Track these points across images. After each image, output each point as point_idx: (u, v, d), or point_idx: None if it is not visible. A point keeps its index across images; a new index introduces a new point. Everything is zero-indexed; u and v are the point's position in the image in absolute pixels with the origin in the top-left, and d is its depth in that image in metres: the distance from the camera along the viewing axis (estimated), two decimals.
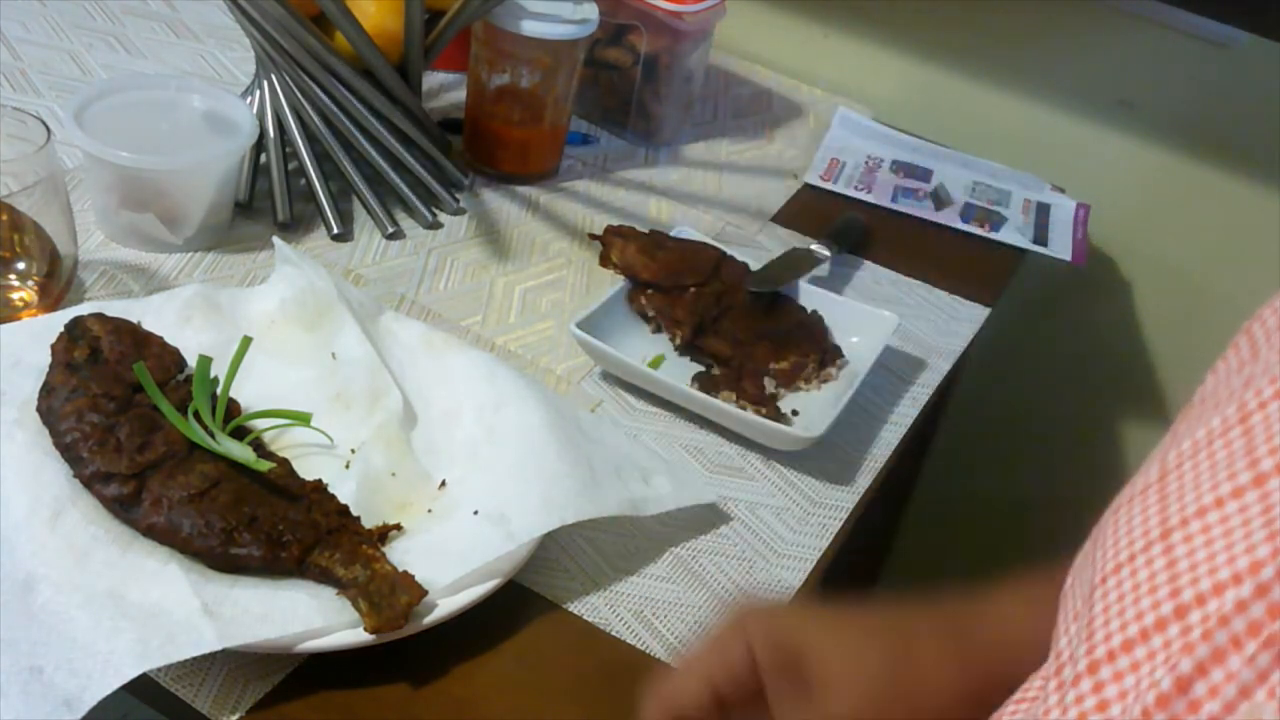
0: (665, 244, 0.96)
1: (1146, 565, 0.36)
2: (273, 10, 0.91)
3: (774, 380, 0.89)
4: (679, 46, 1.15)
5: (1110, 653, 0.36)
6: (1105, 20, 1.21)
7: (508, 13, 1.02)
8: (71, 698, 0.57)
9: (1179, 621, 0.34)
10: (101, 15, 1.20)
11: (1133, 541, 0.37)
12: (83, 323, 0.74)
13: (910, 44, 1.31)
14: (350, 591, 0.65)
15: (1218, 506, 0.35)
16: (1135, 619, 0.35)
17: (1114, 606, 0.36)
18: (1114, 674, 0.35)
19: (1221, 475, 0.36)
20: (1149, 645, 0.35)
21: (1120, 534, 0.38)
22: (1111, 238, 1.27)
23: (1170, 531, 0.36)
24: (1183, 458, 0.39)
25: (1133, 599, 0.36)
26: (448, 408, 0.79)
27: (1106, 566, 0.38)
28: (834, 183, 1.19)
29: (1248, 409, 0.38)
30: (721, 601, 0.75)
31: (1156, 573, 0.36)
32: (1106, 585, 0.37)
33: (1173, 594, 0.35)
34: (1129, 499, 0.39)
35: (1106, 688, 0.35)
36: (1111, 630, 0.36)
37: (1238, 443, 0.37)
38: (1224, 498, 0.36)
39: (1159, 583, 0.35)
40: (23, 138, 0.78)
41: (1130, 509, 0.39)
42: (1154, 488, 0.38)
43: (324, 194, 0.99)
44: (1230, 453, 0.37)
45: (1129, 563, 0.37)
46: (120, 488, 0.66)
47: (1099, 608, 0.37)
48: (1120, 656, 0.35)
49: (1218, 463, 0.37)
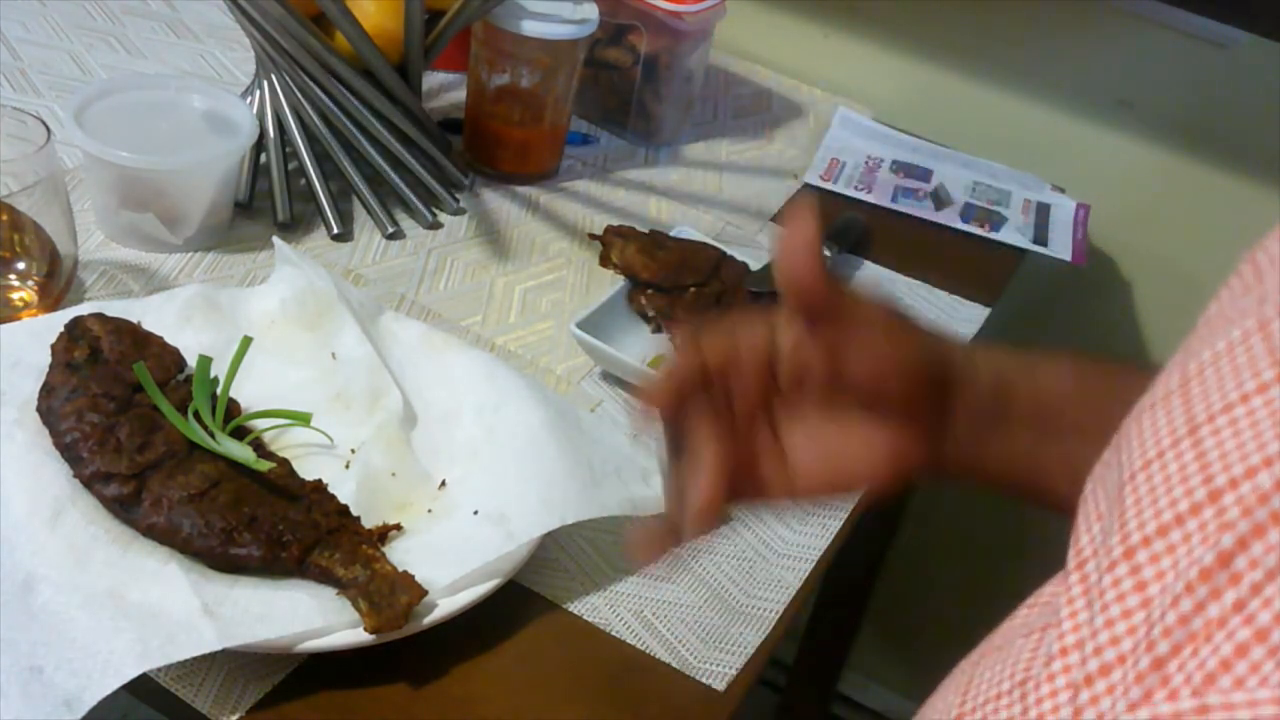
0: (665, 244, 0.96)
1: (1176, 459, 0.37)
2: (273, 10, 0.91)
3: None
4: (679, 46, 1.15)
5: (1145, 538, 0.37)
6: (1105, 20, 1.21)
7: (508, 13, 1.02)
8: (71, 698, 0.57)
9: (1213, 505, 0.35)
10: (101, 15, 1.20)
11: (1159, 440, 0.39)
12: (83, 323, 0.74)
13: (910, 44, 1.31)
14: (350, 591, 0.65)
15: (1243, 402, 0.37)
16: (1169, 506, 0.36)
17: (1145, 499, 0.38)
18: (1150, 557, 0.36)
19: (1245, 375, 0.38)
20: (1184, 529, 0.36)
21: (1145, 435, 0.40)
22: (1111, 238, 1.27)
23: (1197, 428, 0.37)
24: (1203, 366, 0.40)
25: (1164, 489, 0.37)
26: (448, 408, 0.79)
27: (1134, 464, 0.39)
28: (834, 183, 1.19)
29: (1266, 317, 0.39)
30: (721, 601, 0.75)
31: (1187, 464, 0.37)
32: (1135, 481, 0.38)
33: (1205, 480, 0.36)
34: (1150, 406, 0.41)
35: (1144, 570, 0.36)
36: (1145, 519, 0.37)
37: (1258, 347, 0.38)
38: (1249, 394, 0.37)
39: (1190, 473, 0.37)
40: (23, 138, 0.78)
41: (1153, 414, 0.40)
42: (1176, 394, 0.40)
43: (324, 194, 0.99)
44: (1251, 356, 0.38)
45: (1158, 459, 0.38)
46: (120, 488, 0.66)
47: (1129, 501, 0.38)
48: (1156, 541, 0.36)
49: (1240, 366, 0.38)
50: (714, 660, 0.71)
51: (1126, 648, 0.36)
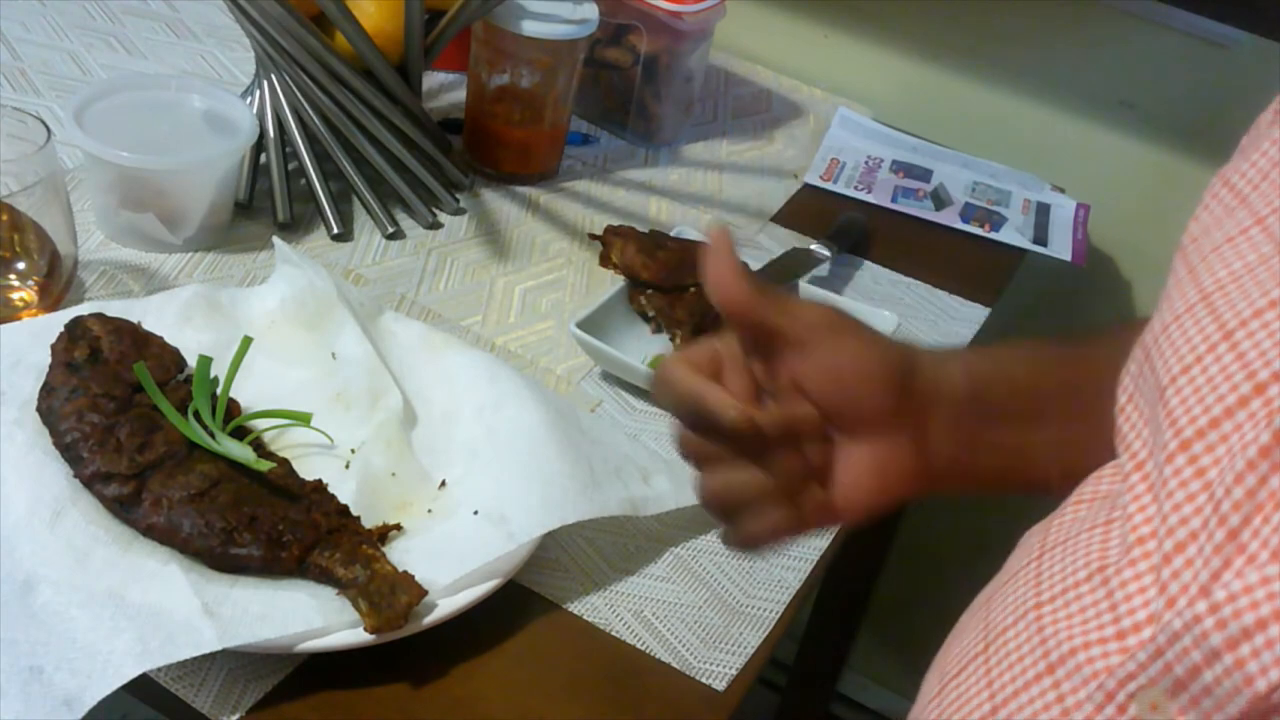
0: (665, 244, 0.96)
1: (1215, 361, 0.40)
2: (273, 10, 0.91)
3: None
4: (679, 46, 1.15)
5: (1199, 431, 0.40)
6: (1105, 20, 1.21)
7: (508, 13, 1.02)
8: (71, 698, 0.57)
9: (1260, 396, 0.39)
10: (101, 15, 1.20)
11: (1194, 347, 0.42)
12: (83, 323, 0.74)
13: (910, 44, 1.31)
14: (350, 591, 0.65)
15: (1273, 308, 0.40)
16: (1217, 401, 0.40)
17: (1191, 398, 0.41)
18: (1206, 447, 0.39)
19: (1270, 283, 0.41)
20: (1234, 419, 0.39)
21: (1178, 344, 0.42)
22: (1111, 238, 1.27)
23: (1232, 333, 0.41)
24: (1220, 283, 0.43)
25: (1209, 388, 0.40)
26: (448, 408, 0.79)
27: (1172, 370, 0.42)
28: (834, 183, 1.19)
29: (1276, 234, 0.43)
30: (721, 601, 0.75)
31: (1227, 365, 0.40)
32: (1177, 384, 0.41)
33: (1249, 376, 0.39)
34: (1173, 319, 0.44)
35: (1201, 459, 0.39)
36: (1195, 414, 0.40)
37: (1276, 262, 0.42)
38: (1278, 300, 0.40)
39: (1232, 371, 0.40)
40: (23, 138, 0.78)
41: (1180, 326, 0.43)
42: (1199, 306, 0.43)
43: (324, 194, 0.99)
44: (1271, 269, 0.41)
45: (1196, 363, 0.41)
46: (120, 488, 0.66)
47: (1174, 402, 0.41)
48: (1209, 432, 0.39)
49: (1261, 279, 0.42)
50: (714, 660, 0.71)
51: (1196, 525, 0.38)
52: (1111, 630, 0.41)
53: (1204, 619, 0.36)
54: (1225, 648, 0.35)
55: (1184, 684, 0.37)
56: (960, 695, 0.46)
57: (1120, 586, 0.41)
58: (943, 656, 0.50)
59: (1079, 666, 0.41)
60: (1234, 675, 0.35)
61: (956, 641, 0.49)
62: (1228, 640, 0.35)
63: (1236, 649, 0.35)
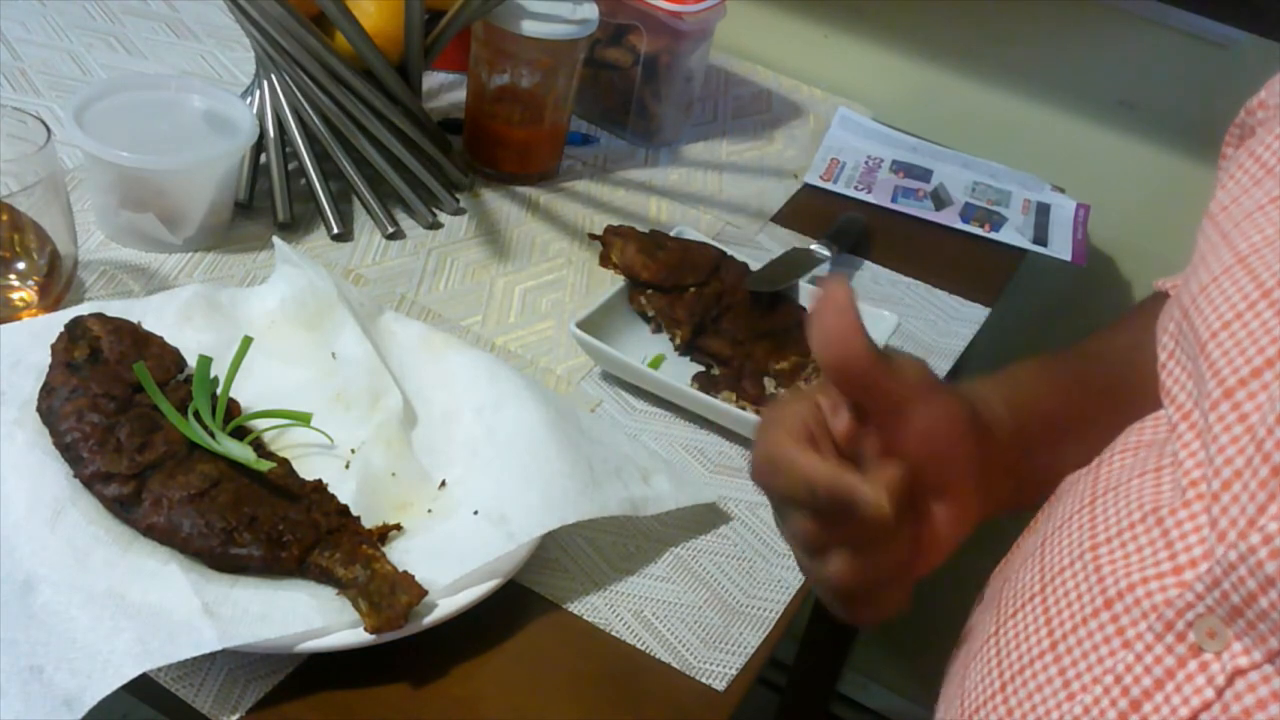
0: (665, 244, 0.96)
1: (1255, 317, 0.43)
2: (273, 10, 0.91)
3: (774, 380, 0.89)
4: (679, 46, 1.15)
5: (1241, 380, 0.42)
6: (1105, 20, 1.21)
7: (508, 13, 1.02)
8: (71, 698, 0.57)
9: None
10: (101, 15, 1.20)
11: (1234, 305, 0.44)
12: (83, 323, 0.74)
13: (910, 44, 1.31)
14: (350, 591, 0.65)
15: None
16: (1258, 353, 0.42)
17: (1233, 350, 0.43)
18: (1248, 394, 0.42)
19: None
20: (1276, 369, 0.42)
21: (1217, 304, 0.45)
22: (1111, 238, 1.27)
23: (1269, 291, 0.43)
24: (1255, 246, 0.46)
25: (1250, 341, 0.43)
26: (448, 408, 0.79)
27: (1213, 326, 0.44)
28: (834, 183, 1.19)
29: None
30: (721, 601, 0.75)
31: (1267, 320, 0.43)
32: (1219, 338, 0.44)
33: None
34: (1212, 279, 0.46)
35: (1244, 405, 0.42)
36: (1237, 365, 0.43)
37: None
38: None
39: (1271, 325, 0.42)
40: (23, 138, 0.78)
41: (1219, 285, 0.46)
42: (1236, 268, 0.45)
43: (324, 194, 0.99)
44: None
45: (1236, 319, 0.44)
46: (120, 488, 0.66)
47: (1216, 354, 0.44)
48: (1251, 381, 0.42)
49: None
50: (714, 660, 0.71)
51: (1240, 464, 0.41)
52: (1169, 565, 0.43)
53: (1258, 549, 0.39)
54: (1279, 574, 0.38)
55: (1240, 610, 0.40)
56: (1019, 632, 0.47)
57: (1176, 525, 0.44)
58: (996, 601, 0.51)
59: (1137, 600, 0.43)
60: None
61: (1010, 586, 0.51)
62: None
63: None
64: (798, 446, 0.51)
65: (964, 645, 0.54)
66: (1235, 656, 0.40)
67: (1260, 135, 0.52)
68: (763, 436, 0.53)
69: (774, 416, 0.54)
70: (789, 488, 0.52)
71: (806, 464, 0.50)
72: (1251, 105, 0.62)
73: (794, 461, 0.50)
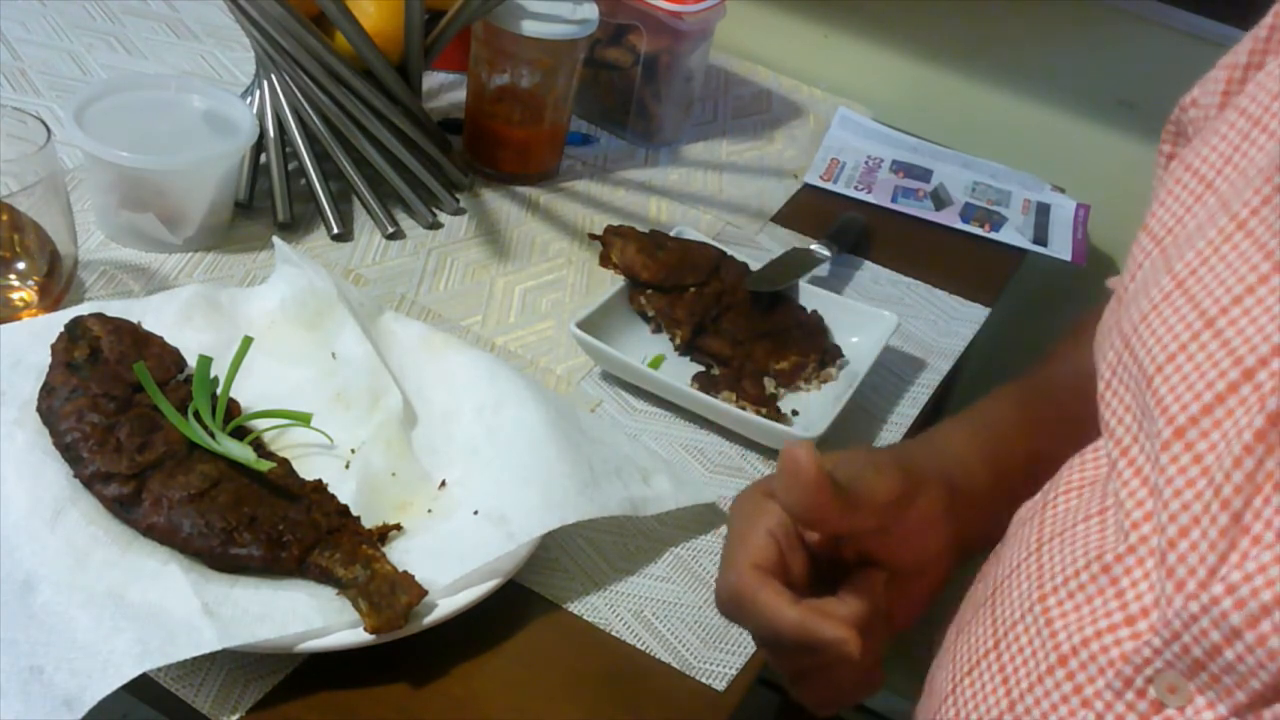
0: (665, 244, 0.96)
1: (1201, 349, 0.42)
2: (273, 10, 0.91)
3: (774, 380, 0.89)
4: (679, 46, 1.15)
5: (1192, 418, 0.41)
6: (1105, 20, 1.21)
7: (508, 13, 1.02)
8: (71, 698, 0.57)
9: (1249, 381, 0.40)
10: (101, 15, 1.20)
11: (1177, 335, 0.43)
12: (83, 323, 0.74)
13: (910, 44, 1.31)
14: (350, 591, 0.65)
15: (1250, 294, 0.41)
16: (1207, 388, 0.41)
17: (1180, 385, 0.42)
18: (1200, 433, 0.40)
19: (1243, 269, 0.42)
20: (1226, 405, 0.40)
21: (1160, 333, 0.44)
22: (1111, 238, 1.27)
23: (1213, 320, 0.42)
24: (1192, 268, 0.44)
25: (1197, 375, 0.41)
26: (448, 408, 0.79)
27: (1157, 359, 0.43)
28: (834, 183, 1.19)
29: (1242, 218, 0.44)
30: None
31: (1213, 353, 0.41)
32: (1164, 372, 0.42)
33: (1235, 363, 0.40)
34: (1152, 307, 0.45)
35: (1197, 444, 0.40)
36: (1186, 401, 0.41)
37: (1245, 245, 0.43)
38: (1253, 285, 0.41)
39: (1219, 358, 0.41)
40: (23, 138, 0.78)
41: (1159, 314, 0.44)
42: (1175, 294, 0.44)
43: (324, 194, 0.99)
44: (1240, 253, 0.43)
45: (1181, 351, 0.42)
46: (120, 488, 0.66)
47: (1163, 390, 0.42)
48: (1202, 419, 0.41)
49: (1233, 264, 0.43)
50: (714, 660, 0.71)
51: (1198, 510, 0.39)
52: (1120, 617, 0.42)
53: (1221, 600, 0.37)
54: (1246, 625, 0.37)
55: (1203, 664, 0.38)
56: (976, 692, 0.47)
57: (1125, 574, 0.42)
58: (950, 654, 0.51)
59: (1093, 656, 0.42)
60: (1256, 651, 0.37)
61: (964, 639, 0.50)
62: (1248, 618, 0.37)
63: (1257, 626, 0.36)
64: (763, 583, 0.52)
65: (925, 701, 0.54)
66: (1200, 711, 0.39)
67: (1195, 145, 0.52)
68: (728, 564, 0.54)
69: (741, 535, 0.54)
70: (754, 628, 0.54)
71: (771, 610, 0.51)
72: (1185, 102, 0.61)
73: (758, 604, 0.52)
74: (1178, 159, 0.52)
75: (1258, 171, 0.45)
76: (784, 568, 0.53)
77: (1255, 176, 0.45)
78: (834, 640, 0.50)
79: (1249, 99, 0.50)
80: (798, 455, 0.49)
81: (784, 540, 0.54)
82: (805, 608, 0.51)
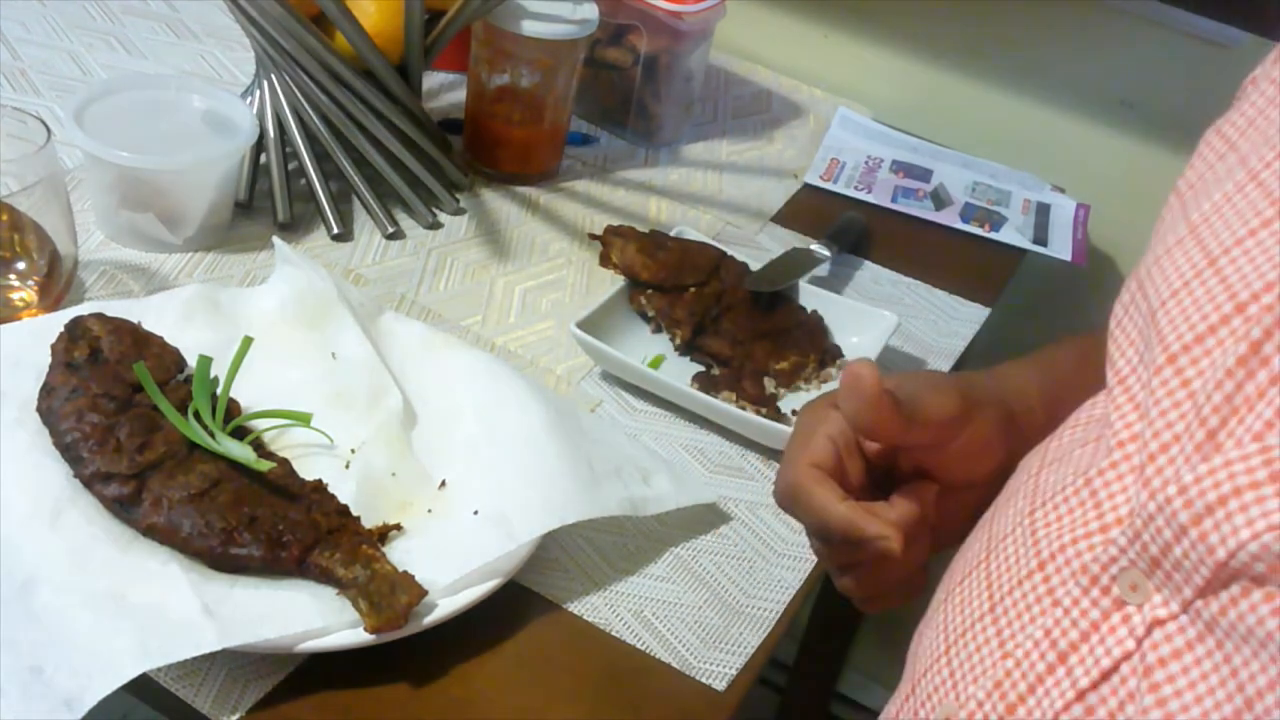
0: (665, 244, 0.96)
1: (1201, 285, 0.43)
2: (273, 10, 0.91)
3: (774, 380, 0.89)
4: (679, 46, 1.15)
5: (1185, 345, 0.43)
6: (1105, 20, 1.21)
7: (508, 13, 1.02)
8: (71, 698, 0.57)
9: (1240, 314, 0.41)
10: (101, 15, 1.20)
11: (1182, 274, 0.44)
12: (83, 323, 0.74)
13: (910, 44, 1.31)
14: (350, 591, 0.65)
15: (1252, 235, 0.43)
16: (1201, 319, 0.42)
17: (1179, 317, 0.43)
18: (1191, 360, 0.42)
19: (1249, 214, 0.44)
20: (1217, 335, 0.42)
21: (1168, 273, 0.45)
22: (1111, 238, 1.27)
23: (1215, 259, 0.43)
24: (1206, 215, 0.46)
25: (1195, 309, 0.43)
26: (448, 408, 0.79)
27: (1162, 295, 0.45)
28: (834, 183, 1.19)
29: (1254, 169, 0.46)
30: (721, 601, 0.75)
31: (1212, 289, 0.43)
32: (1167, 306, 0.44)
33: (1230, 297, 0.42)
34: (1165, 252, 0.47)
35: (1186, 370, 0.42)
36: (1181, 332, 0.43)
37: (1254, 193, 0.45)
38: (1256, 229, 0.43)
39: (1216, 293, 0.43)
40: (23, 138, 0.78)
41: (1170, 257, 0.46)
42: (1186, 239, 0.46)
43: (324, 194, 0.99)
44: (1250, 200, 0.44)
45: (1184, 287, 0.44)
46: (120, 488, 0.66)
47: (1164, 322, 0.44)
48: (1194, 347, 0.42)
49: (1241, 209, 0.44)
50: (714, 660, 0.71)
51: (1180, 429, 0.42)
52: (1095, 525, 0.44)
53: (1174, 500, 0.39)
54: (1191, 523, 0.39)
55: (1158, 561, 0.41)
56: (965, 596, 0.49)
57: (1104, 486, 0.45)
58: (950, 570, 0.53)
59: (1067, 561, 0.44)
60: (1198, 547, 0.39)
61: (961, 555, 0.52)
62: (1193, 516, 0.39)
63: (1200, 524, 0.38)
64: (818, 481, 0.56)
65: (926, 615, 0.56)
66: (1155, 608, 0.41)
67: (1229, 113, 0.53)
68: (788, 461, 0.58)
69: (803, 438, 0.58)
70: (806, 521, 0.58)
71: (822, 503, 0.55)
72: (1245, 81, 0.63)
73: (811, 498, 0.56)
74: (1212, 126, 0.54)
75: (1277, 130, 0.47)
76: (840, 470, 0.57)
77: (1274, 135, 0.47)
78: (877, 535, 0.53)
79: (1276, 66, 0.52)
80: (860, 370, 0.53)
81: (843, 446, 0.57)
82: (854, 505, 0.55)
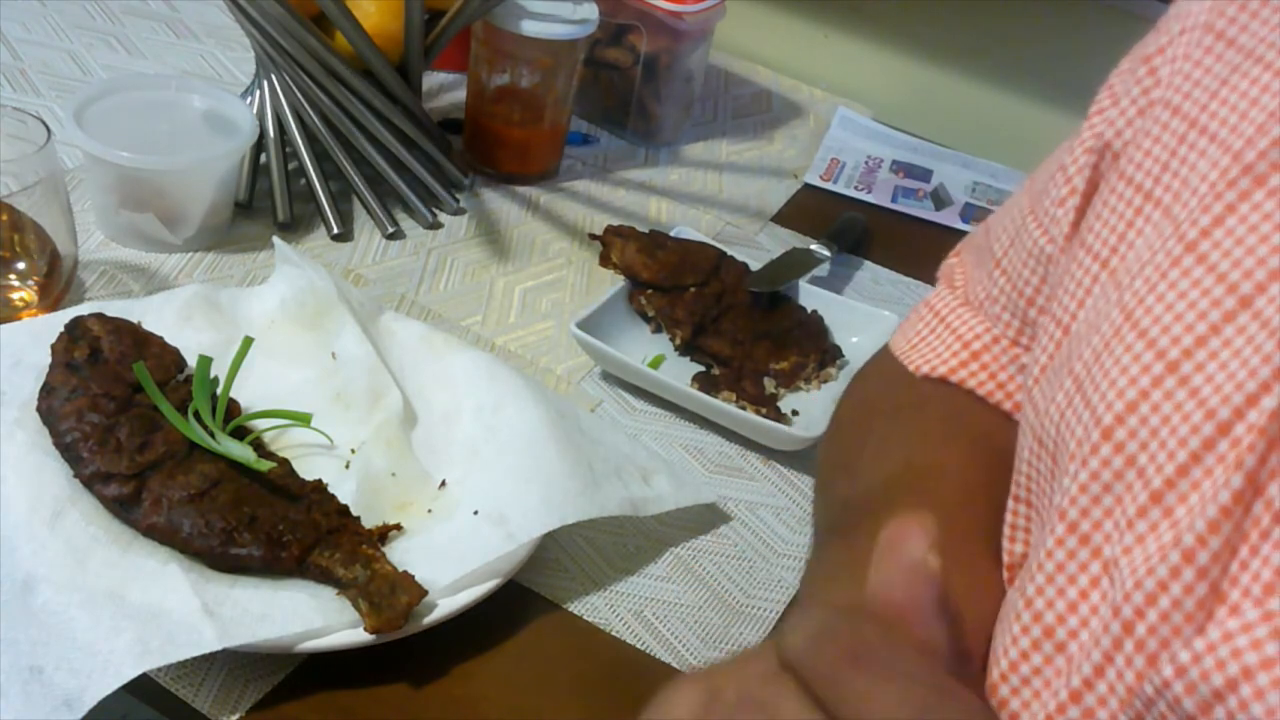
0: (665, 244, 0.96)
1: (1167, 399, 0.38)
2: (273, 10, 0.91)
3: (774, 380, 0.89)
4: (679, 46, 1.15)
5: (1168, 480, 0.37)
6: (1105, 20, 1.21)
7: (508, 13, 1.02)
8: (71, 698, 0.57)
9: (1225, 438, 0.36)
10: (101, 15, 1.20)
11: (1136, 381, 0.39)
12: (83, 323, 0.74)
13: (910, 44, 1.31)
14: (350, 591, 0.65)
15: (1215, 334, 0.37)
16: (1180, 446, 0.37)
17: (1151, 442, 0.38)
18: (1179, 496, 0.37)
19: (1202, 303, 0.38)
20: (1203, 464, 0.36)
21: (1115, 378, 0.39)
22: None
23: (1177, 365, 0.38)
24: (1139, 296, 0.40)
25: (1168, 431, 0.37)
26: (448, 408, 0.79)
27: (1115, 407, 0.39)
28: (834, 183, 1.19)
29: (1188, 238, 0.39)
30: (721, 601, 0.75)
31: (1182, 404, 0.37)
32: (1127, 424, 0.38)
33: (1208, 416, 0.37)
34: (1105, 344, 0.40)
35: (1175, 510, 0.37)
36: (1160, 462, 0.37)
37: (1199, 273, 0.39)
38: (1218, 324, 0.37)
39: (1189, 411, 0.37)
40: (23, 138, 0.78)
41: (1112, 352, 0.40)
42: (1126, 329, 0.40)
43: (324, 194, 0.99)
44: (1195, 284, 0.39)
45: (1143, 399, 0.38)
46: (120, 488, 0.66)
47: (1133, 447, 0.38)
48: (1179, 481, 0.37)
49: (1189, 297, 0.39)
50: (714, 660, 0.71)
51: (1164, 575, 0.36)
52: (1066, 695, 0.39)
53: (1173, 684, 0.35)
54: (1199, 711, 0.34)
55: None
56: None
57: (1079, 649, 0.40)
58: None
59: None
60: None
61: None
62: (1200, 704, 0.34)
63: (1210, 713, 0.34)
64: None
65: None
66: None
67: (1129, 151, 0.47)
68: None
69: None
70: None
71: None
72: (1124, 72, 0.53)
73: None
74: (1114, 167, 0.47)
75: (1202, 180, 0.41)
76: None
77: (1200, 186, 0.41)
78: None
79: (1177, 93, 0.45)
80: None
81: None
82: None
